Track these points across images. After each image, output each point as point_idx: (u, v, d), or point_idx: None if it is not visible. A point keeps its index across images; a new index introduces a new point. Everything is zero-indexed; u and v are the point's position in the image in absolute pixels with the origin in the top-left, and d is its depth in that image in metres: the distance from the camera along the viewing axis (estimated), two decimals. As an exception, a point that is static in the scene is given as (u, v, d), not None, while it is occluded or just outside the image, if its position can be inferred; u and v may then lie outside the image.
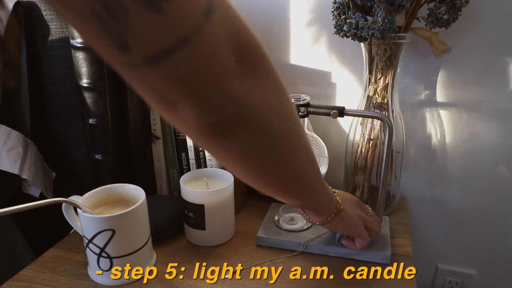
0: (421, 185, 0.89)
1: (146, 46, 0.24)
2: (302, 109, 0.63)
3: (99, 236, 0.56)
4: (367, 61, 0.73)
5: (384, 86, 0.73)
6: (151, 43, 0.24)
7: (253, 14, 0.83)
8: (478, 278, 0.93)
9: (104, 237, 0.56)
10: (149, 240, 0.63)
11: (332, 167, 0.84)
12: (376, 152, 0.77)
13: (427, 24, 0.68)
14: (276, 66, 0.36)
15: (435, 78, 0.79)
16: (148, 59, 0.25)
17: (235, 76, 0.30)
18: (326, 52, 0.83)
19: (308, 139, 0.44)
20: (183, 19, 0.24)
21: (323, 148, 0.68)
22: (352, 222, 0.59)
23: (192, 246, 0.69)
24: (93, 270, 0.60)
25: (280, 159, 0.40)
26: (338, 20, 0.66)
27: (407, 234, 0.73)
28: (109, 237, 0.56)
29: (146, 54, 0.24)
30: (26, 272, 0.63)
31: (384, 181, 0.64)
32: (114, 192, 0.64)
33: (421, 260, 0.93)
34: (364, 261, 0.65)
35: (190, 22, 0.24)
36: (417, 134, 0.85)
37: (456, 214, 0.89)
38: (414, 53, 0.78)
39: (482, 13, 0.72)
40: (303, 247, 0.67)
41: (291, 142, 0.40)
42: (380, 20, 0.61)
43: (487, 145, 0.81)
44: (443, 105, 0.81)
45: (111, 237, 0.56)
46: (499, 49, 0.74)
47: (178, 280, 0.61)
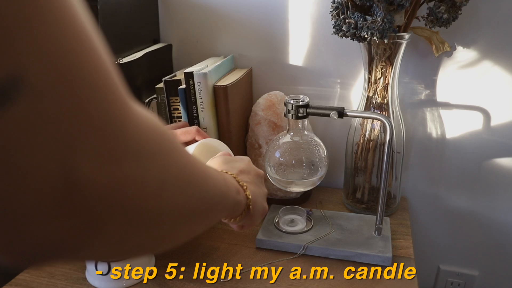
0: (422, 186, 0.88)
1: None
2: (301, 110, 0.63)
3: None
4: (366, 61, 0.73)
5: (384, 86, 0.72)
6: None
7: (252, 15, 0.83)
8: (481, 279, 0.92)
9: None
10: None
11: (332, 168, 0.83)
12: (376, 152, 0.76)
13: (426, 23, 0.68)
14: (276, 66, 0.34)
15: (435, 77, 0.79)
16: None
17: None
18: (325, 52, 0.82)
19: (206, 176, 0.32)
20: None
21: (322, 150, 0.68)
22: (260, 214, 0.51)
23: (192, 248, 0.69)
24: (91, 273, 0.59)
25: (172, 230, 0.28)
26: (337, 20, 0.65)
27: (408, 235, 0.72)
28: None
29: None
30: (23, 277, 0.62)
31: (385, 182, 0.64)
32: None
33: (423, 261, 0.93)
34: (365, 263, 0.64)
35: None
36: (417, 134, 0.84)
37: (458, 214, 0.88)
38: (414, 52, 0.78)
39: (482, 12, 0.72)
40: (303, 249, 0.66)
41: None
42: (379, 20, 0.60)
43: (489, 145, 0.81)
44: (444, 104, 0.81)
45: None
46: (499, 47, 0.74)
47: (178, 281, 0.60)
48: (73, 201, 0.18)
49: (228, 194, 0.40)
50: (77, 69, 0.18)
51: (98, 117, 0.19)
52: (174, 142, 0.26)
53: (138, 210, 0.22)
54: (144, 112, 0.23)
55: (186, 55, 0.88)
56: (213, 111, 0.72)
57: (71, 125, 0.18)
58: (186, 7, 0.85)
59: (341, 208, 0.81)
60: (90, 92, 0.19)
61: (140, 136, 0.22)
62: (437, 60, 0.77)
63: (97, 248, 0.21)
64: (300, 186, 0.70)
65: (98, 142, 0.19)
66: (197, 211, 0.30)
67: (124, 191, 0.20)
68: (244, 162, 0.52)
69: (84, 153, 0.18)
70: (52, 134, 0.17)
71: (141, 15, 0.80)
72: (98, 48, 0.20)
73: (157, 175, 0.23)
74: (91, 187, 0.19)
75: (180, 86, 0.70)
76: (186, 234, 0.31)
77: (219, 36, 0.86)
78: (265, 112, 0.78)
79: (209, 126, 0.71)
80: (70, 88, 0.18)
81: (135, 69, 0.72)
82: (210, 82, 0.69)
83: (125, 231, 0.22)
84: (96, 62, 0.19)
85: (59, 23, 0.18)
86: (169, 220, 0.26)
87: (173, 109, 0.72)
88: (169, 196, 0.24)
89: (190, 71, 0.68)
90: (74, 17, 0.18)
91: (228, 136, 0.73)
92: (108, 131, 0.19)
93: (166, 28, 0.88)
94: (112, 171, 0.20)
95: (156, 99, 0.74)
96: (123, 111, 0.21)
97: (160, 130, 0.24)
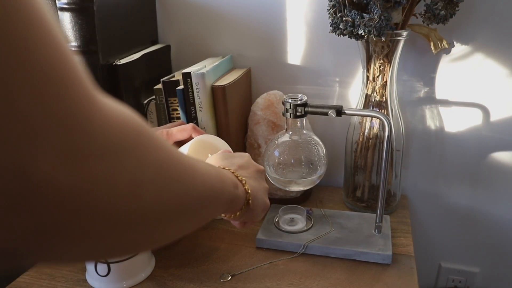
0: (422, 183, 0.88)
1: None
2: (299, 109, 0.63)
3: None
4: (364, 59, 0.72)
5: (383, 84, 0.72)
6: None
7: (250, 14, 0.82)
8: (482, 276, 0.92)
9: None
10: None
11: (331, 167, 0.83)
12: (375, 151, 0.76)
13: (424, 20, 0.67)
14: (274, 66, 0.33)
15: (434, 75, 0.79)
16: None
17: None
18: (323, 51, 0.82)
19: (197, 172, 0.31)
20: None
21: (321, 148, 0.67)
22: (261, 209, 0.50)
23: (192, 248, 0.69)
24: (91, 275, 0.59)
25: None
26: (334, 18, 0.65)
27: (409, 233, 0.72)
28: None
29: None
30: (23, 279, 0.62)
31: (385, 180, 0.63)
32: None
33: (424, 258, 0.93)
34: (365, 261, 0.64)
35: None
36: (416, 131, 0.84)
37: (458, 211, 0.88)
38: (412, 50, 0.78)
39: (479, 8, 0.72)
40: (303, 248, 0.66)
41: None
42: (376, 17, 0.60)
43: (488, 141, 0.81)
44: (443, 102, 0.80)
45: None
46: (498, 44, 0.73)
47: (178, 281, 0.60)
48: (30, 202, 0.17)
49: (223, 189, 0.38)
50: (34, 58, 0.17)
51: (58, 110, 0.17)
52: (152, 136, 0.24)
53: (111, 210, 0.20)
54: (116, 106, 0.22)
55: (184, 56, 0.88)
56: (211, 111, 0.71)
57: (25, 119, 0.16)
58: (184, 8, 0.85)
59: (341, 207, 0.81)
60: (48, 83, 0.17)
61: (109, 131, 0.20)
62: (436, 57, 0.77)
63: (70, 249, 0.20)
64: (300, 185, 0.69)
65: (59, 138, 0.17)
66: (183, 208, 0.28)
67: (92, 191, 0.19)
68: (244, 158, 0.51)
69: (41, 150, 0.17)
70: (3, 128, 0.16)
71: (138, 16, 0.80)
72: (57, 38, 0.18)
73: (131, 172, 0.21)
74: (50, 187, 0.17)
75: (178, 86, 0.70)
76: (175, 232, 0.30)
77: (217, 36, 0.86)
78: (264, 111, 0.78)
79: (208, 126, 0.71)
80: (25, 78, 0.16)
81: (133, 70, 0.72)
82: (208, 82, 0.69)
83: (101, 232, 0.21)
84: (55, 52, 0.18)
85: (13, 9, 0.16)
86: (150, 219, 0.24)
87: (172, 110, 0.72)
88: (148, 194, 0.23)
89: (188, 71, 0.68)
90: (29, 3, 0.17)
91: (227, 136, 0.73)
92: (70, 126, 0.18)
93: (164, 29, 0.88)
94: (76, 170, 0.18)
95: (154, 100, 0.74)
96: (88, 105, 0.19)
97: (134, 124, 0.23)
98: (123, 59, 0.71)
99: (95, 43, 0.64)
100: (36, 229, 0.18)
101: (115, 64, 0.68)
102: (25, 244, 0.18)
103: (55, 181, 0.17)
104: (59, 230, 0.19)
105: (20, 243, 0.18)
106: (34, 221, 0.17)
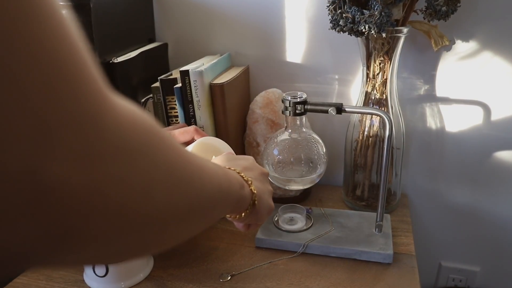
0: (422, 182, 0.87)
1: None
2: (299, 106, 0.62)
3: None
4: (364, 56, 0.72)
5: (383, 81, 0.71)
6: None
7: (248, 12, 0.82)
8: (482, 275, 0.92)
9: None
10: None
11: (331, 165, 0.82)
12: (375, 149, 0.75)
13: (425, 16, 0.67)
14: (273, 64, 0.33)
15: (434, 72, 0.78)
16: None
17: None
18: (322, 48, 0.81)
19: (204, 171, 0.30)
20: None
21: (321, 147, 0.67)
22: (266, 211, 0.49)
23: (191, 248, 0.68)
24: (89, 276, 0.59)
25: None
26: (334, 14, 0.65)
27: (409, 232, 0.72)
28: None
29: None
30: (21, 280, 0.61)
31: (385, 179, 0.63)
32: None
33: (424, 257, 0.92)
34: (366, 261, 0.63)
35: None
36: (417, 129, 0.83)
37: (459, 210, 0.87)
38: (413, 47, 0.77)
39: (481, 5, 0.71)
40: (303, 248, 0.65)
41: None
42: (377, 14, 0.59)
43: (489, 139, 0.80)
44: (443, 99, 0.80)
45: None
46: (499, 41, 0.73)
47: (177, 281, 0.59)
48: (43, 204, 0.16)
49: (230, 189, 0.38)
50: (49, 57, 0.16)
51: (73, 110, 0.17)
52: (164, 136, 0.24)
53: (122, 211, 0.20)
54: (128, 106, 0.21)
55: (182, 54, 0.87)
56: (210, 109, 0.71)
57: (39, 118, 0.16)
58: (181, 5, 0.85)
59: (341, 206, 0.81)
60: (63, 82, 0.17)
61: (122, 131, 0.20)
62: (436, 54, 0.76)
63: (81, 252, 0.20)
64: (299, 184, 0.69)
65: (73, 138, 0.17)
66: (192, 209, 0.28)
67: (105, 192, 0.19)
68: (248, 161, 0.51)
69: (55, 150, 0.16)
70: (15, 128, 0.15)
71: (135, 14, 0.79)
72: (72, 37, 0.18)
73: (144, 172, 0.21)
74: (64, 188, 0.17)
75: (176, 84, 0.69)
76: (184, 233, 0.29)
77: (215, 34, 0.85)
78: (263, 110, 0.78)
79: (206, 124, 0.70)
80: (40, 77, 0.16)
81: (130, 68, 0.71)
82: (206, 80, 0.69)
83: (111, 234, 0.20)
84: (70, 51, 0.18)
85: (29, 8, 0.16)
86: (161, 220, 0.24)
87: (169, 108, 0.72)
88: (159, 195, 0.23)
89: (186, 69, 0.67)
90: (45, 2, 0.17)
91: (226, 135, 0.72)
92: (84, 126, 0.17)
93: (161, 27, 0.87)
94: (90, 170, 0.18)
95: (152, 99, 0.73)
96: (102, 104, 0.19)
97: (146, 124, 0.22)
98: (120, 57, 0.70)
99: (91, 41, 0.63)
100: (47, 232, 0.17)
101: (112, 62, 0.67)
102: (35, 247, 0.18)
103: (69, 183, 0.17)
104: (69, 233, 0.18)
105: (31, 246, 0.17)
106: (46, 224, 0.17)
